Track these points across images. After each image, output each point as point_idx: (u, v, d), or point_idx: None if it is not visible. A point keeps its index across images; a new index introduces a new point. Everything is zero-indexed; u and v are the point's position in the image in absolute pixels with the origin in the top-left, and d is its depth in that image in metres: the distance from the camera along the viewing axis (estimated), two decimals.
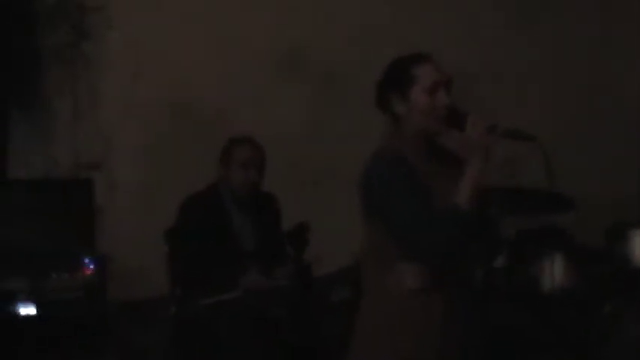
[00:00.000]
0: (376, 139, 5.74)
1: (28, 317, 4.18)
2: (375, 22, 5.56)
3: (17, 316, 4.17)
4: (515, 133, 2.57)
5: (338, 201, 5.51)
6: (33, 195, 4.54)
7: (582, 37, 5.77)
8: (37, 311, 4.19)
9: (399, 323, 2.57)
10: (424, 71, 2.60)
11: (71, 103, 5.20)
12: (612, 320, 4.23)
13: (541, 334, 4.26)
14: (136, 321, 4.83)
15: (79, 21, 5.15)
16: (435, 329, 2.57)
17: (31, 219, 4.42)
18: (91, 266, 4.30)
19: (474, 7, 5.68)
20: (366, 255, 2.66)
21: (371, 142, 5.62)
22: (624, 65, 5.82)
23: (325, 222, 5.32)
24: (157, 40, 5.25)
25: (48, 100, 5.16)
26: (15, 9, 5.01)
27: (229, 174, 4.04)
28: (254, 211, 4.08)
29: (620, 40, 5.83)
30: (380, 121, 5.88)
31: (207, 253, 3.90)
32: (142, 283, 4.94)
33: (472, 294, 2.66)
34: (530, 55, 5.74)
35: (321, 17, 5.48)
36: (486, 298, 4.07)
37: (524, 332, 4.23)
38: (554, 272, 4.29)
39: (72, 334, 4.21)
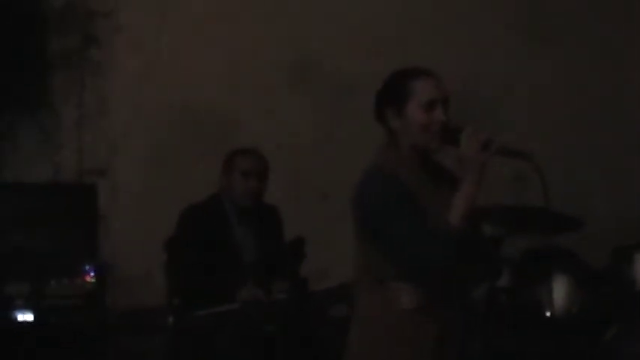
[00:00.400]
0: None
1: (26, 323, 4.15)
2: (386, 34, 5.53)
3: (15, 321, 4.15)
4: (510, 150, 2.53)
5: (345, 214, 5.48)
6: (36, 199, 4.53)
7: (593, 57, 5.72)
8: (35, 317, 4.16)
9: (393, 343, 2.53)
10: (422, 87, 2.56)
11: (77, 108, 5.18)
12: (617, 342, 4.18)
13: (544, 356, 4.21)
14: (136, 329, 4.81)
15: (86, 26, 5.14)
16: (429, 350, 2.53)
17: (34, 224, 4.41)
18: (92, 273, 4.28)
19: (484, 24, 5.64)
20: (358, 273, 2.62)
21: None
22: (636, 86, 5.77)
23: (331, 235, 5.29)
24: (164, 46, 5.23)
25: (54, 105, 5.15)
26: (22, 13, 5.00)
27: (231, 183, 4.02)
28: (256, 223, 4.05)
29: (630, 60, 5.78)
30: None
31: (207, 263, 3.87)
32: (145, 291, 4.92)
33: (468, 315, 2.63)
34: (540, 74, 5.70)
35: (332, 28, 5.46)
36: (488, 318, 4.02)
37: (527, 354, 4.18)
38: (558, 293, 4.24)
39: (70, 342, 4.19)
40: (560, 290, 4.26)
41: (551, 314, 4.27)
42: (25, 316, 4.17)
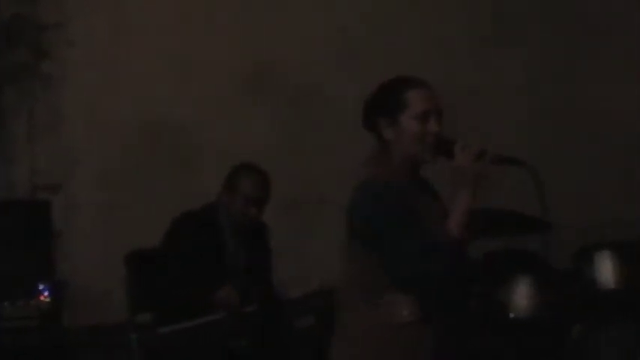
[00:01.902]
0: (343, 158, 5.69)
1: None
2: (345, 40, 5.51)
3: None
4: (504, 158, 2.55)
5: (309, 222, 5.46)
6: None
7: (558, 58, 5.74)
8: None
9: (389, 356, 2.50)
10: (416, 98, 2.56)
11: (29, 122, 5.06)
12: (581, 343, 4.19)
13: (509, 356, 4.21)
14: (96, 347, 4.71)
15: (37, 39, 5.03)
16: None
17: None
18: (47, 293, 4.18)
19: (448, 26, 5.63)
20: (347, 285, 2.57)
21: (338, 161, 5.58)
22: (602, 86, 5.79)
23: (296, 244, 5.24)
24: (118, 58, 5.13)
25: (5, 120, 5.03)
26: None
27: (231, 202, 3.95)
28: (248, 238, 4.01)
29: (595, 60, 5.81)
30: (346, 140, 5.83)
31: (194, 275, 3.78)
32: (104, 308, 4.82)
33: (463, 325, 2.63)
34: (505, 76, 5.71)
35: (289, 36, 5.42)
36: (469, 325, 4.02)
37: (492, 355, 4.18)
38: (521, 294, 4.25)
39: None
40: (522, 291, 4.27)
41: (514, 315, 4.26)
42: None
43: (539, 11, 5.75)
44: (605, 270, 4.37)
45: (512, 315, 4.27)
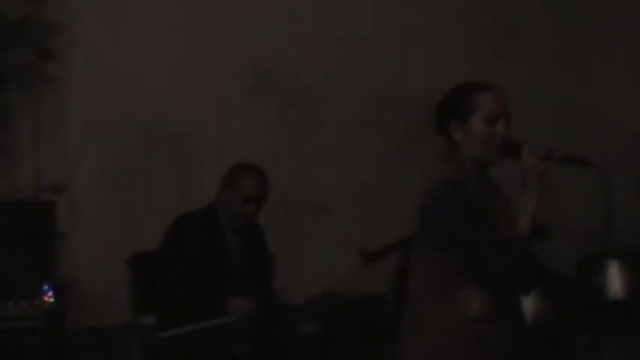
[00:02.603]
0: (343, 160, 5.67)
1: None
2: (345, 43, 5.51)
3: None
4: (573, 158, 2.64)
5: (308, 225, 5.46)
6: None
7: (557, 68, 5.75)
8: None
9: (463, 351, 2.58)
10: (486, 101, 2.66)
11: (33, 123, 5.07)
12: (586, 351, 4.19)
13: None
14: (98, 348, 4.72)
15: (41, 40, 5.03)
16: (499, 357, 2.60)
17: None
18: (50, 293, 4.18)
19: (448, 33, 5.64)
20: (419, 281, 2.66)
21: (338, 164, 5.57)
22: (599, 93, 5.81)
23: (295, 247, 5.25)
24: (122, 59, 5.14)
25: (9, 121, 5.03)
26: None
27: (230, 200, 3.96)
28: (247, 238, 4.01)
29: (593, 68, 5.82)
30: (346, 142, 5.81)
31: (196, 275, 3.78)
32: (107, 309, 4.82)
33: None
34: (505, 82, 5.70)
35: (287, 37, 5.42)
36: None
37: None
38: (528, 302, 4.25)
39: None
40: (529, 299, 4.27)
41: None
42: None
43: (538, 23, 5.77)
44: (613, 279, 4.36)
45: None
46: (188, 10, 5.28)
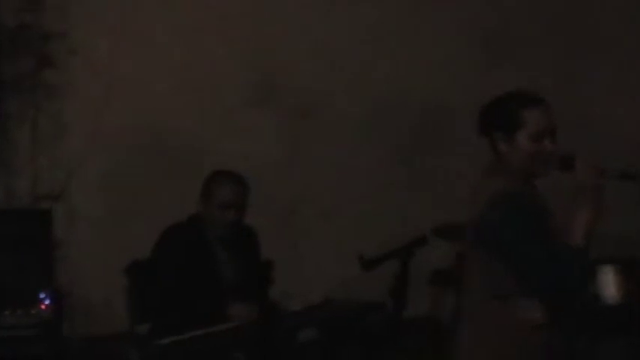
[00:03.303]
0: (347, 170, 5.66)
1: None
2: (348, 53, 5.53)
3: None
4: (627, 173, 2.63)
5: (311, 233, 5.45)
6: None
7: (557, 75, 5.76)
8: None
9: (530, 357, 2.61)
10: (532, 117, 2.64)
11: (32, 132, 5.06)
12: (583, 357, 4.19)
13: None
14: (96, 357, 4.70)
15: (41, 47, 5.02)
16: None
17: None
18: (47, 302, 4.15)
19: (445, 42, 5.64)
20: (477, 289, 2.67)
21: (342, 173, 5.56)
22: (594, 103, 5.81)
23: (297, 254, 5.23)
24: (122, 67, 5.13)
25: (8, 129, 5.02)
26: None
27: (208, 211, 3.94)
28: (235, 245, 3.98)
29: (589, 78, 5.83)
30: (350, 152, 5.79)
31: (185, 286, 3.77)
32: (104, 318, 4.81)
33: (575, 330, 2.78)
34: (501, 90, 5.70)
35: (292, 47, 5.43)
36: None
37: None
38: None
39: None
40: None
41: None
42: None
43: (530, 34, 5.78)
44: (608, 285, 4.38)
45: None
46: (189, 19, 5.28)
